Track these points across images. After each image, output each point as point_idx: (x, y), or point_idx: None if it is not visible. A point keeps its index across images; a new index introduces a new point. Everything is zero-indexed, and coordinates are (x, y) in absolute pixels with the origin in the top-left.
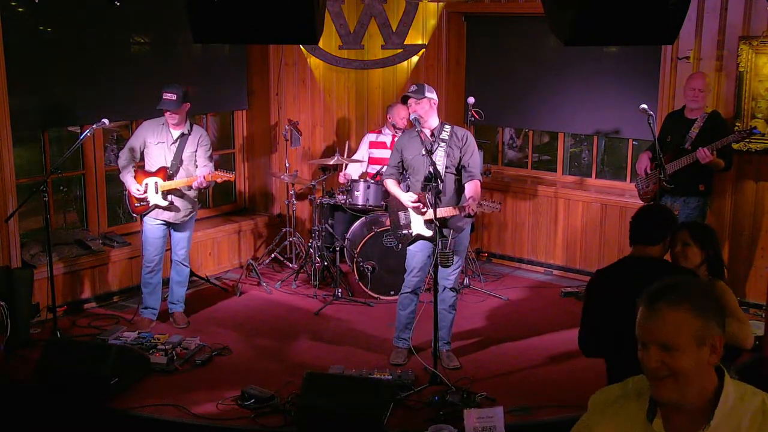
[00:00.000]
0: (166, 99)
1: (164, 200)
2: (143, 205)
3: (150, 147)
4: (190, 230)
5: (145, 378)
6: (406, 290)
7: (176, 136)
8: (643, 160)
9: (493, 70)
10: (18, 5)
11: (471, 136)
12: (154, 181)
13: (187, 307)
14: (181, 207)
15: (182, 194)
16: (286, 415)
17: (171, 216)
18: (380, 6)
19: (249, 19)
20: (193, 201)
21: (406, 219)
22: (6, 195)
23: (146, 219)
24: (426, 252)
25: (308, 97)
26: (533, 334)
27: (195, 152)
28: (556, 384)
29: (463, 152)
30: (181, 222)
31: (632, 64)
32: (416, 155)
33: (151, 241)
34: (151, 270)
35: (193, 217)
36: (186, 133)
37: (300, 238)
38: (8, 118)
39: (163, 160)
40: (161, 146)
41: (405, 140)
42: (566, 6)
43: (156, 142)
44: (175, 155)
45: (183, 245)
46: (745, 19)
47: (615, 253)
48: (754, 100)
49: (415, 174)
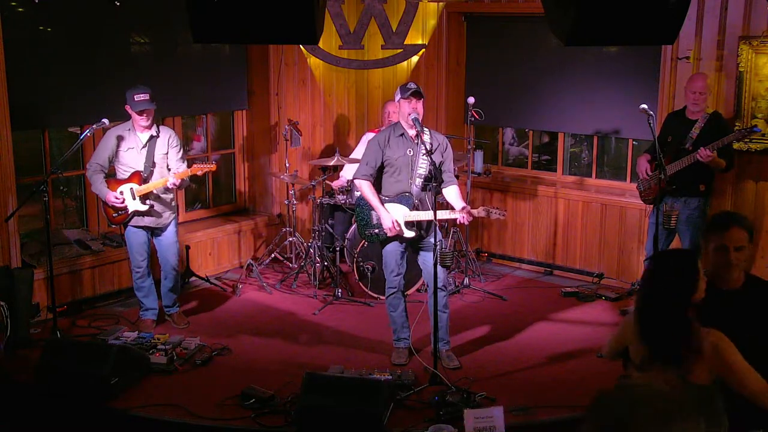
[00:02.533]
0: (142, 100)
1: (143, 204)
2: (122, 214)
3: (120, 154)
4: (175, 234)
5: (145, 378)
6: (391, 291)
7: (145, 140)
8: (641, 164)
9: (493, 70)
10: (18, 5)
11: (449, 142)
12: (129, 188)
13: (187, 307)
14: (160, 211)
15: (159, 197)
16: (286, 415)
17: (152, 221)
18: (380, 6)
19: (249, 19)
20: (171, 204)
21: (378, 218)
22: (6, 195)
23: (128, 228)
24: (399, 250)
25: (308, 97)
26: (533, 334)
27: (166, 154)
28: (556, 384)
29: (445, 157)
30: (163, 226)
31: (632, 64)
32: (401, 156)
33: (136, 247)
34: (141, 275)
35: (174, 221)
36: (155, 135)
37: (300, 238)
38: (8, 118)
39: (135, 165)
40: (132, 151)
41: (387, 139)
42: (566, 6)
43: (126, 149)
44: (147, 158)
45: (173, 251)
46: (745, 19)
47: (615, 253)
48: (754, 100)
49: (395, 174)
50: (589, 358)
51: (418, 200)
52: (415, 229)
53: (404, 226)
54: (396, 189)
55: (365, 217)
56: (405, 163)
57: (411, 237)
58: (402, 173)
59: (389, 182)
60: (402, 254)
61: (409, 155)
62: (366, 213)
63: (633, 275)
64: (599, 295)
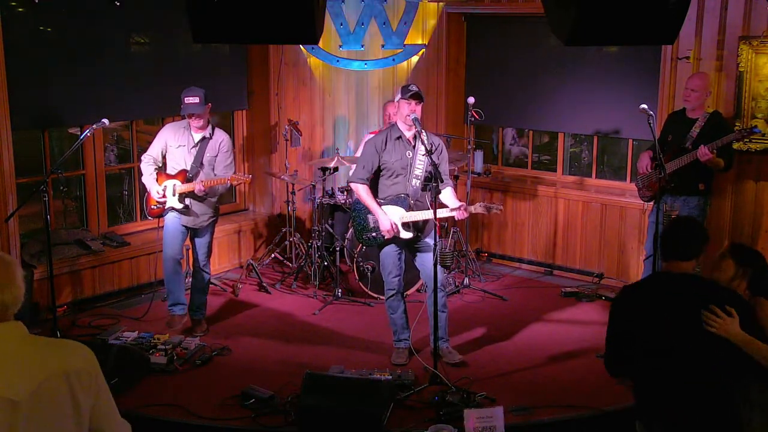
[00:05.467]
0: (190, 103)
1: (179, 203)
2: (159, 207)
3: (171, 150)
4: (210, 236)
5: (145, 378)
6: (390, 293)
7: (197, 140)
8: (644, 159)
9: (493, 70)
10: (18, 5)
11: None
12: (173, 184)
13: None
14: (198, 212)
15: (201, 199)
16: (286, 415)
17: (189, 221)
18: (380, 6)
19: (249, 19)
20: (213, 206)
21: (375, 222)
22: (6, 195)
23: (167, 216)
24: (397, 252)
25: (308, 97)
26: (533, 334)
27: (215, 157)
28: (556, 384)
29: (440, 160)
30: (200, 227)
31: (632, 64)
32: (398, 159)
33: (171, 237)
34: (173, 267)
35: (212, 223)
36: (207, 137)
37: (300, 238)
38: (8, 118)
39: (183, 163)
40: (182, 149)
41: (384, 142)
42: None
43: (177, 146)
44: (195, 158)
45: (204, 251)
46: (745, 19)
47: (615, 253)
48: (754, 100)
49: (392, 176)
50: (589, 358)
51: (414, 201)
52: (412, 230)
53: (401, 227)
54: (392, 191)
55: (362, 221)
56: (402, 166)
57: (408, 238)
58: (399, 176)
59: (386, 185)
60: (399, 256)
61: (408, 158)
62: (363, 217)
63: (633, 275)
64: (599, 295)
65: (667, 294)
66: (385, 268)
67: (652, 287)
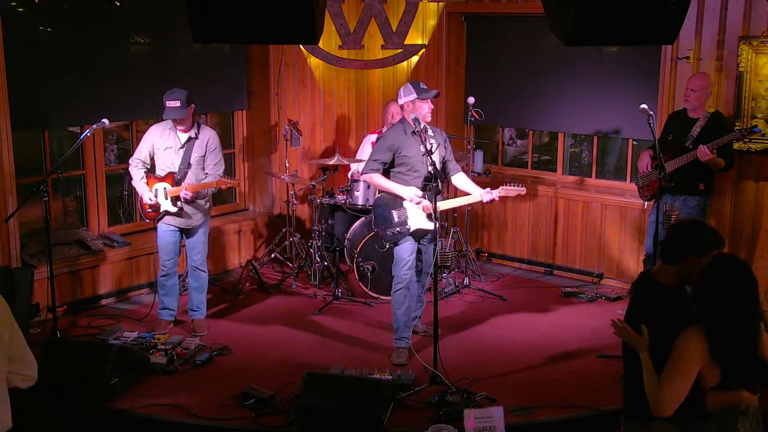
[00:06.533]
0: (171, 107)
1: (173, 206)
2: (154, 211)
3: (158, 153)
4: (205, 236)
5: (145, 378)
6: (399, 286)
7: (184, 141)
8: (644, 158)
9: (493, 70)
10: (18, 5)
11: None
12: (163, 187)
13: (186, 307)
14: (191, 213)
15: (192, 201)
16: (286, 415)
17: (182, 222)
18: (380, 6)
19: (249, 19)
20: (204, 208)
21: (400, 216)
22: (6, 195)
23: (160, 224)
24: (413, 246)
25: (308, 97)
26: (533, 334)
27: (203, 157)
28: (556, 384)
29: (447, 150)
30: (193, 227)
31: (632, 64)
32: (417, 153)
33: (164, 246)
34: (166, 273)
35: (205, 223)
36: (193, 137)
37: (300, 238)
38: (8, 118)
39: (171, 165)
40: (169, 151)
41: (399, 137)
42: (566, 6)
43: (164, 148)
44: (183, 160)
45: (198, 250)
46: (745, 19)
47: (615, 253)
48: (754, 100)
49: (413, 172)
50: (589, 358)
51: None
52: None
53: (425, 217)
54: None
55: (387, 217)
56: (419, 160)
57: (430, 229)
58: (420, 171)
59: (404, 180)
60: (413, 250)
61: (421, 154)
62: (387, 212)
63: (633, 275)
64: (599, 295)
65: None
66: (398, 262)
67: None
